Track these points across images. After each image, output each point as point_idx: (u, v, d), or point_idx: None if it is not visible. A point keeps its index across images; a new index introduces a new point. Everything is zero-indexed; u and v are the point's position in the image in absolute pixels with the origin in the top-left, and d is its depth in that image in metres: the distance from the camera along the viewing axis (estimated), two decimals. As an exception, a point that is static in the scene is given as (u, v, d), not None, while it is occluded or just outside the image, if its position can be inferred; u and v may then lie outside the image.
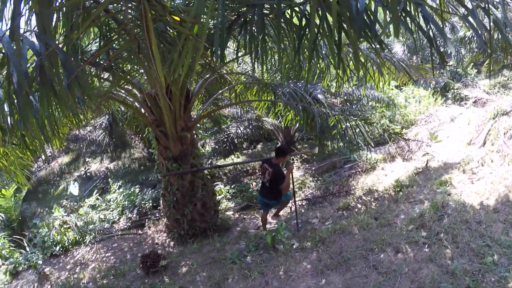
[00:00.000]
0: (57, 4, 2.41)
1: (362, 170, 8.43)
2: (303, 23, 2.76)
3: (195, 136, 6.55)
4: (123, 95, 6.41)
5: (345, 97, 10.89)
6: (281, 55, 5.35)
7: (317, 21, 2.39)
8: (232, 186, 8.82)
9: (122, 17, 3.77)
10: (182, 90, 5.45)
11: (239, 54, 5.13)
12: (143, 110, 5.94)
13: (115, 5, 3.64)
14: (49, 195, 13.37)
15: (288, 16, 3.11)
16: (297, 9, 2.95)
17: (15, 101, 2.52)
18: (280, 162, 5.62)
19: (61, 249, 6.92)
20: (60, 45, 2.56)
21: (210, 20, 3.46)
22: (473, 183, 6.09)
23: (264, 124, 10.54)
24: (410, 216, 5.14)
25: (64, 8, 2.51)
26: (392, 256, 4.21)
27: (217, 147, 10.92)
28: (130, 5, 2.98)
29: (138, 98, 5.80)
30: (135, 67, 5.54)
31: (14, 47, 2.20)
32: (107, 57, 4.47)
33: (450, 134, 9.39)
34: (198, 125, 9.67)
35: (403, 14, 2.20)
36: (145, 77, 5.99)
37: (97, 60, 4.61)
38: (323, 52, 4.47)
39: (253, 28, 2.99)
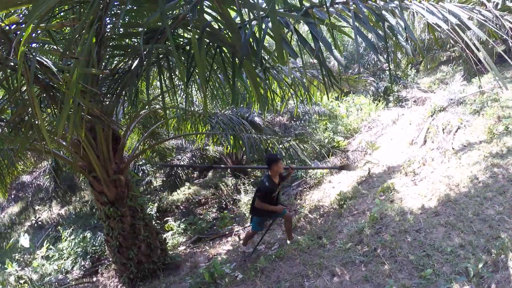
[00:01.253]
0: None
1: (310, 186, 8.47)
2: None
3: (131, 177, 6.38)
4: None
5: (290, 115, 11.03)
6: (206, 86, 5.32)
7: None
8: (182, 220, 8.63)
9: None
10: (107, 133, 5.32)
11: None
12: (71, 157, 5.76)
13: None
14: (1, 249, 12.65)
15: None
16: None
17: None
18: (275, 174, 5.12)
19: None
20: None
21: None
22: (416, 185, 6.26)
23: (208, 152, 10.50)
24: (350, 232, 5.13)
25: None
26: (327, 280, 4.15)
27: (165, 179, 10.76)
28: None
29: (64, 145, 5.62)
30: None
31: None
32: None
33: (393, 137, 9.62)
34: (144, 160, 9.50)
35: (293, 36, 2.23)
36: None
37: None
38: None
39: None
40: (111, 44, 3.50)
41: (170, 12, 2.80)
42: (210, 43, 2.54)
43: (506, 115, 7.17)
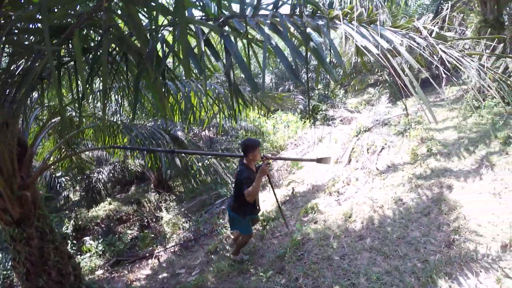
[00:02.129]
0: None
1: None
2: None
3: (39, 192, 5.69)
4: None
5: (216, 129, 10.79)
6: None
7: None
8: (101, 241, 7.94)
9: None
10: (10, 142, 4.63)
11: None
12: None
13: None
14: None
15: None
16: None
17: None
18: (251, 162, 4.52)
19: None
20: None
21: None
22: (340, 205, 6.19)
23: (129, 166, 9.91)
24: (271, 258, 4.87)
25: None
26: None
27: (84, 194, 9.94)
28: None
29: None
30: None
31: None
32: None
33: (319, 155, 9.58)
34: (61, 173, 8.69)
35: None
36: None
37: None
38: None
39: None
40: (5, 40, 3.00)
41: (79, 7, 2.44)
42: (117, 48, 2.19)
43: (429, 137, 7.46)
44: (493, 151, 6.16)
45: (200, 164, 5.80)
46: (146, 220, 9.40)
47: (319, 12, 2.49)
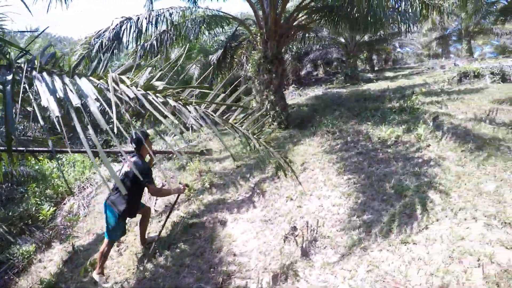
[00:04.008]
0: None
1: (20, 269, 6.95)
2: None
3: None
4: None
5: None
6: None
7: None
8: None
9: None
10: None
11: None
12: None
13: None
14: None
15: None
16: None
17: None
18: (145, 154, 4.59)
19: None
20: None
21: None
22: (122, 254, 5.60)
23: None
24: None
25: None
26: None
27: None
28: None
29: None
30: None
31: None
32: None
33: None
34: None
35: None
36: None
37: None
38: None
39: None
40: None
41: None
42: None
43: (207, 169, 7.60)
44: (266, 177, 6.58)
45: None
46: None
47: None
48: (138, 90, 2.50)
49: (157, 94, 2.65)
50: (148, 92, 2.59)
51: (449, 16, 13.85)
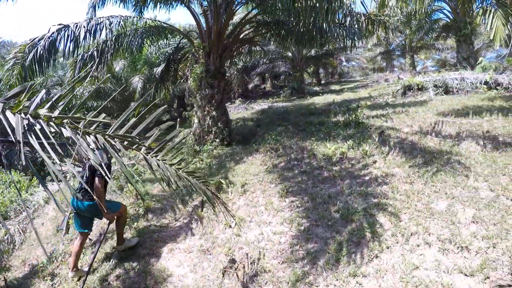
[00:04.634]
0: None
1: None
2: None
3: None
4: None
5: None
6: None
7: None
8: None
9: None
10: None
11: None
12: None
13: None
14: None
15: None
16: None
17: None
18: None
19: None
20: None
21: None
22: None
23: None
24: None
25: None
26: None
27: None
28: None
29: None
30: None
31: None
32: None
33: (45, 221, 8.28)
34: None
35: None
36: None
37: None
38: None
39: None
40: None
41: None
42: None
43: (144, 192, 6.89)
44: (205, 200, 6.00)
45: None
46: None
47: None
48: (24, 119, 2.19)
49: (50, 123, 2.33)
50: (38, 120, 2.29)
51: (394, 32, 14.20)
